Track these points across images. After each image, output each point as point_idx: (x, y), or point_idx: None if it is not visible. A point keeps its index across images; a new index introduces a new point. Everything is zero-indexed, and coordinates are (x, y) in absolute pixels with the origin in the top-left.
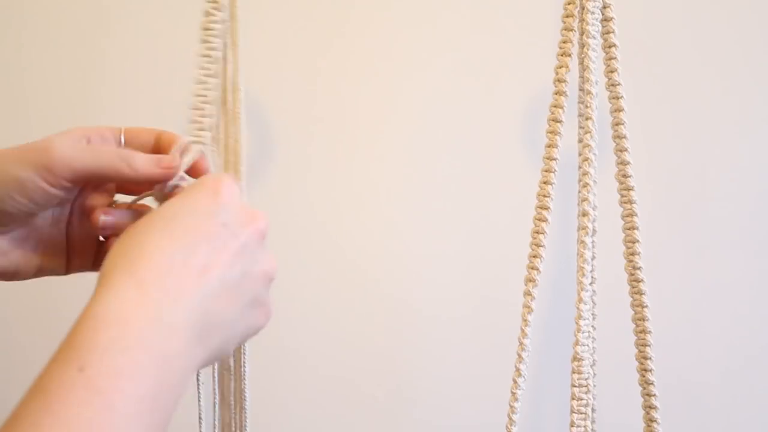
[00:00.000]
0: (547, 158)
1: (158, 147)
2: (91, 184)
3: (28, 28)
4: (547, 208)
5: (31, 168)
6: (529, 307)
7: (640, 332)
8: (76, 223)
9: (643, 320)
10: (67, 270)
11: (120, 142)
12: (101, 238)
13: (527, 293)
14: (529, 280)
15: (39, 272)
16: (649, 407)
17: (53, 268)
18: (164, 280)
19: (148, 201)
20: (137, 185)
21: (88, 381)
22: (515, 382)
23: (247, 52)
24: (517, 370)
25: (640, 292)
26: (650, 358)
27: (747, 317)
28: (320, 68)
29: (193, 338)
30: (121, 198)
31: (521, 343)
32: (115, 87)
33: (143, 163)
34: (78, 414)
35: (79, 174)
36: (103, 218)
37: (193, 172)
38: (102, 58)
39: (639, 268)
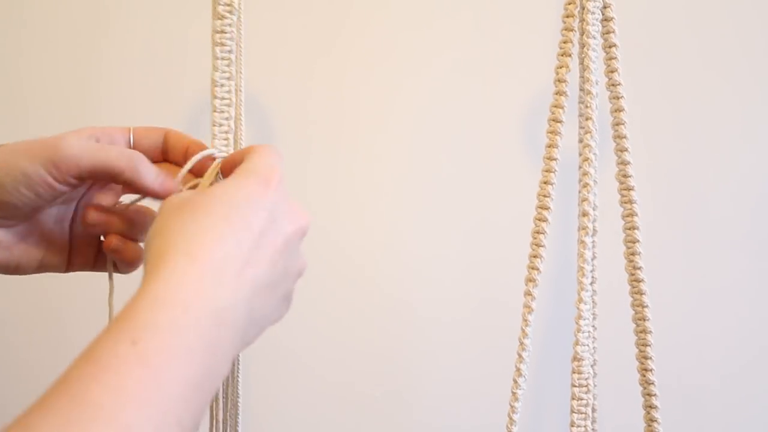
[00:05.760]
0: (548, 158)
1: (167, 146)
2: (98, 183)
3: (25, 28)
4: (547, 208)
5: (39, 162)
6: (529, 307)
7: (641, 332)
8: (80, 222)
9: (644, 320)
10: (68, 268)
11: (129, 142)
12: (102, 238)
13: (527, 293)
14: (530, 280)
15: (40, 268)
16: (649, 407)
17: (54, 265)
18: (222, 272)
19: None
20: (137, 190)
21: (140, 355)
22: (516, 382)
23: (245, 52)
24: (518, 370)
25: (641, 292)
26: (651, 358)
27: (747, 318)
28: (319, 68)
29: (238, 330)
30: (126, 197)
31: (522, 343)
32: (113, 87)
33: (149, 174)
34: (126, 385)
35: (85, 171)
36: (93, 215)
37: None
38: (99, 59)
39: (639, 268)
